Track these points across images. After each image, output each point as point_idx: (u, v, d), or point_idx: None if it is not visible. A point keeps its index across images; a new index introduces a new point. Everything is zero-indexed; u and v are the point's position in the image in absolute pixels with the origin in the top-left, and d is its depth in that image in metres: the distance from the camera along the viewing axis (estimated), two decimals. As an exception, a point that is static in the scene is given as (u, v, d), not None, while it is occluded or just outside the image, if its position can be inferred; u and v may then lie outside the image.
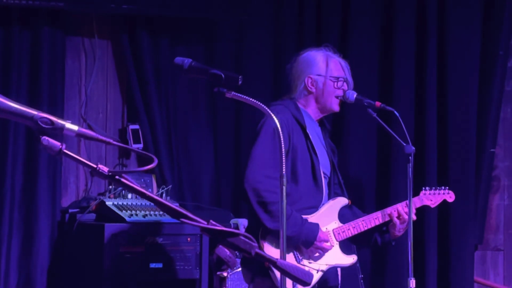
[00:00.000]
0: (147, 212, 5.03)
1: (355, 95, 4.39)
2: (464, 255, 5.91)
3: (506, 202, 6.15)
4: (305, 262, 4.18)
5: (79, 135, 2.12)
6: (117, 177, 2.14)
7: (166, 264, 5.00)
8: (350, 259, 4.32)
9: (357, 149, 5.87)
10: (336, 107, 4.40)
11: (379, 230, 4.44)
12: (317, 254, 4.22)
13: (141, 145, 5.53)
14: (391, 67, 5.95)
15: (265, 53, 5.87)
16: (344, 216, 4.37)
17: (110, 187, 5.26)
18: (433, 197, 4.57)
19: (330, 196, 4.38)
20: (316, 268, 4.20)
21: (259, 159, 4.14)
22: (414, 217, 4.38)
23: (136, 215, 4.98)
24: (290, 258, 4.14)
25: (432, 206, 4.60)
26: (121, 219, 4.93)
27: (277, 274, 4.05)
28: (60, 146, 2.09)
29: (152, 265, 4.96)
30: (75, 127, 2.13)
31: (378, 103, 4.40)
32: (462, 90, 5.96)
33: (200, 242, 5.07)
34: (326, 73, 4.35)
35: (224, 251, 2.15)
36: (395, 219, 4.36)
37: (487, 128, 5.99)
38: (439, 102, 5.95)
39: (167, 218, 5.04)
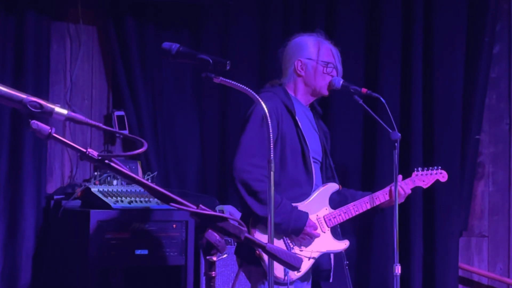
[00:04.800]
0: (133, 199, 5.02)
1: (341, 82, 4.39)
2: (449, 241, 5.94)
3: (490, 188, 6.18)
4: (296, 250, 4.18)
5: (68, 118, 2.11)
6: (106, 161, 2.13)
7: (151, 251, 4.99)
8: (342, 245, 4.33)
9: (343, 136, 5.87)
10: (325, 91, 4.40)
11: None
12: (307, 241, 4.22)
13: (126, 132, 5.51)
14: (377, 53, 5.96)
15: (252, 39, 5.86)
16: (336, 201, 4.37)
17: (96, 173, 5.25)
18: (425, 177, 4.58)
19: (323, 181, 4.38)
20: (307, 255, 4.20)
21: (247, 147, 4.13)
22: (409, 191, 4.42)
23: (122, 201, 4.97)
24: (281, 245, 4.14)
25: (425, 186, 4.62)
26: (106, 206, 4.91)
27: (268, 263, 4.05)
28: (50, 130, 2.08)
29: (138, 252, 4.96)
30: (64, 111, 2.12)
31: (364, 90, 4.40)
32: (448, 77, 5.97)
33: (186, 229, 5.07)
34: (317, 57, 4.35)
35: (213, 235, 2.14)
36: (390, 200, 4.40)
37: (472, 114, 6.00)
38: (424, 89, 5.96)
39: (152, 204, 5.04)
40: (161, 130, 5.71)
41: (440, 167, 4.63)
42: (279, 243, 4.13)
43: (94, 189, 5.04)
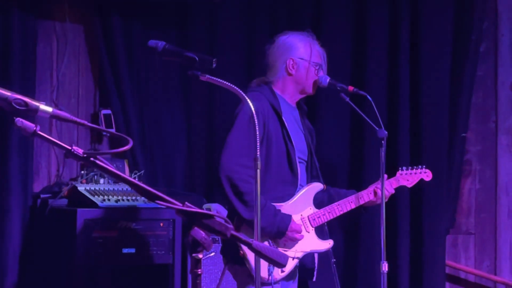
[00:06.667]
0: (120, 197, 5.02)
1: (328, 80, 4.39)
2: (436, 238, 5.95)
3: (477, 186, 6.19)
4: (280, 250, 4.17)
5: (53, 116, 2.11)
6: (92, 158, 2.13)
7: (139, 249, 4.99)
8: (326, 244, 4.33)
9: (330, 134, 5.88)
10: (312, 90, 4.40)
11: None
12: (291, 242, 4.22)
13: (113, 130, 5.50)
14: (364, 51, 5.97)
15: (239, 36, 5.86)
16: (320, 201, 4.37)
17: (82, 172, 5.24)
18: (409, 176, 4.58)
19: (308, 181, 4.37)
20: (291, 256, 4.20)
21: (234, 147, 4.12)
22: (392, 191, 4.42)
23: (109, 200, 4.96)
24: (264, 246, 4.13)
25: (409, 186, 4.62)
26: (93, 204, 4.91)
27: (252, 263, 4.05)
28: (35, 128, 2.08)
29: (125, 250, 4.95)
30: (49, 109, 2.12)
31: (351, 88, 4.40)
32: (435, 75, 5.98)
33: (173, 227, 5.07)
34: (310, 58, 4.34)
35: (199, 233, 2.14)
36: (374, 199, 4.40)
37: (459, 112, 6.02)
38: (411, 87, 5.97)
39: (139, 203, 5.03)
40: (148, 128, 5.70)
41: (424, 166, 4.64)
42: None
43: (81, 188, 5.03)
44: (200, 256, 2.23)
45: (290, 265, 4.20)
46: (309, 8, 5.95)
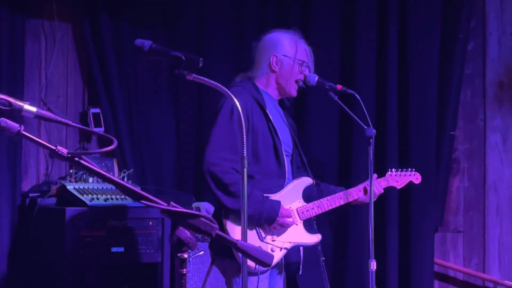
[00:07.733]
0: (109, 196, 5.01)
1: (316, 78, 4.40)
2: (425, 236, 5.96)
3: (465, 184, 6.20)
4: (268, 239, 4.19)
5: (37, 116, 2.11)
6: (76, 158, 2.13)
7: (127, 248, 4.99)
8: (314, 238, 4.34)
9: (319, 132, 5.88)
10: (294, 92, 4.42)
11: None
12: (280, 231, 4.23)
13: (102, 129, 5.50)
14: (352, 50, 5.97)
15: (227, 35, 5.87)
16: (309, 195, 4.39)
17: (71, 171, 5.23)
18: (399, 178, 4.60)
19: (294, 174, 4.39)
20: (279, 246, 4.21)
21: (216, 141, 4.15)
22: (382, 191, 4.44)
23: (98, 199, 4.96)
24: (253, 235, 4.15)
25: (398, 187, 4.64)
26: (82, 203, 4.91)
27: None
28: (19, 128, 2.08)
29: (114, 249, 4.95)
30: (33, 109, 2.12)
31: (339, 86, 4.41)
32: (423, 73, 5.99)
33: (162, 226, 5.07)
34: (294, 55, 4.35)
35: (184, 232, 2.15)
36: (363, 198, 4.41)
37: (447, 111, 6.02)
38: (400, 85, 5.98)
39: (128, 202, 5.03)
40: (137, 127, 5.70)
41: (414, 169, 4.66)
42: (251, 233, 4.14)
43: (69, 187, 5.02)
44: (185, 255, 2.23)
45: (278, 255, 4.21)
46: (297, 6, 5.96)
